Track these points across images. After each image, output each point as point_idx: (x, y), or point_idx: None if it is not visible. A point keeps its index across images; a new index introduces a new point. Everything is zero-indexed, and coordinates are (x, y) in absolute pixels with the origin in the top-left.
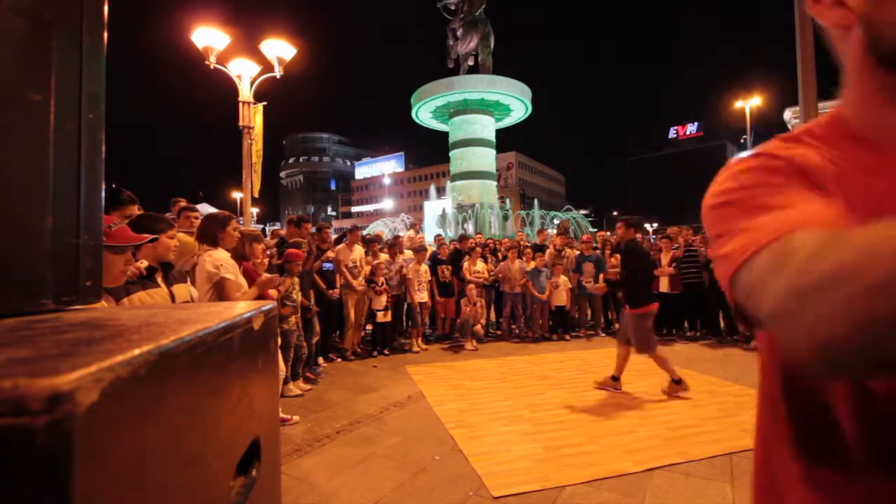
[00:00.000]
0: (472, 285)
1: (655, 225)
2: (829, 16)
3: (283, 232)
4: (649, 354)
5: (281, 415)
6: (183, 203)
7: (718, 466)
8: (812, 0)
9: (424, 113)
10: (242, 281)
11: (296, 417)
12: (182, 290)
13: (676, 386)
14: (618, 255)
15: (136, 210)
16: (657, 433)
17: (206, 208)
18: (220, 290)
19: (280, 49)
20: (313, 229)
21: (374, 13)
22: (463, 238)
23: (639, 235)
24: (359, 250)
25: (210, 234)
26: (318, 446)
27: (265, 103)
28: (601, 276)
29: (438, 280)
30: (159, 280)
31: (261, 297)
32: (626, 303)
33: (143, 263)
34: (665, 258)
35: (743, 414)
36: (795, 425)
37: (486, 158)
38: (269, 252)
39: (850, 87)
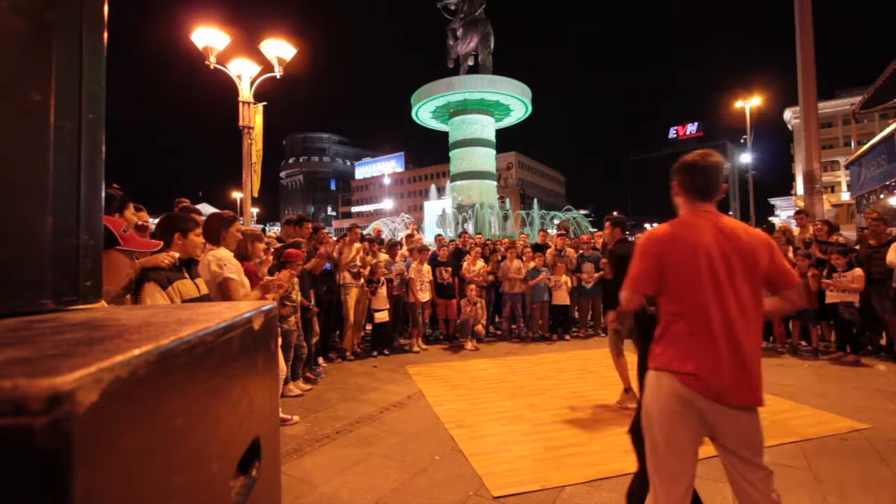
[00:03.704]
0: (472, 285)
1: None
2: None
3: (278, 234)
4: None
5: (281, 415)
6: (185, 203)
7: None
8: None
9: (424, 113)
10: (245, 280)
11: (296, 417)
12: (202, 284)
13: (625, 395)
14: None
15: (132, 208)
16: None
17: (206, 208)
18: (223, 291)
19: (280, 49)
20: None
21: (374, 13)
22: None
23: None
24: (358, 248)
25: (213, 232)
26: (318, 446)
27: (265, 103)
28: (597, 275)
29: (437, 282)
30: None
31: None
32: (606, 305)
33: (177, 255)
34: None
35: None
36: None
37: (486, 158)
38: (271, 250)
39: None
